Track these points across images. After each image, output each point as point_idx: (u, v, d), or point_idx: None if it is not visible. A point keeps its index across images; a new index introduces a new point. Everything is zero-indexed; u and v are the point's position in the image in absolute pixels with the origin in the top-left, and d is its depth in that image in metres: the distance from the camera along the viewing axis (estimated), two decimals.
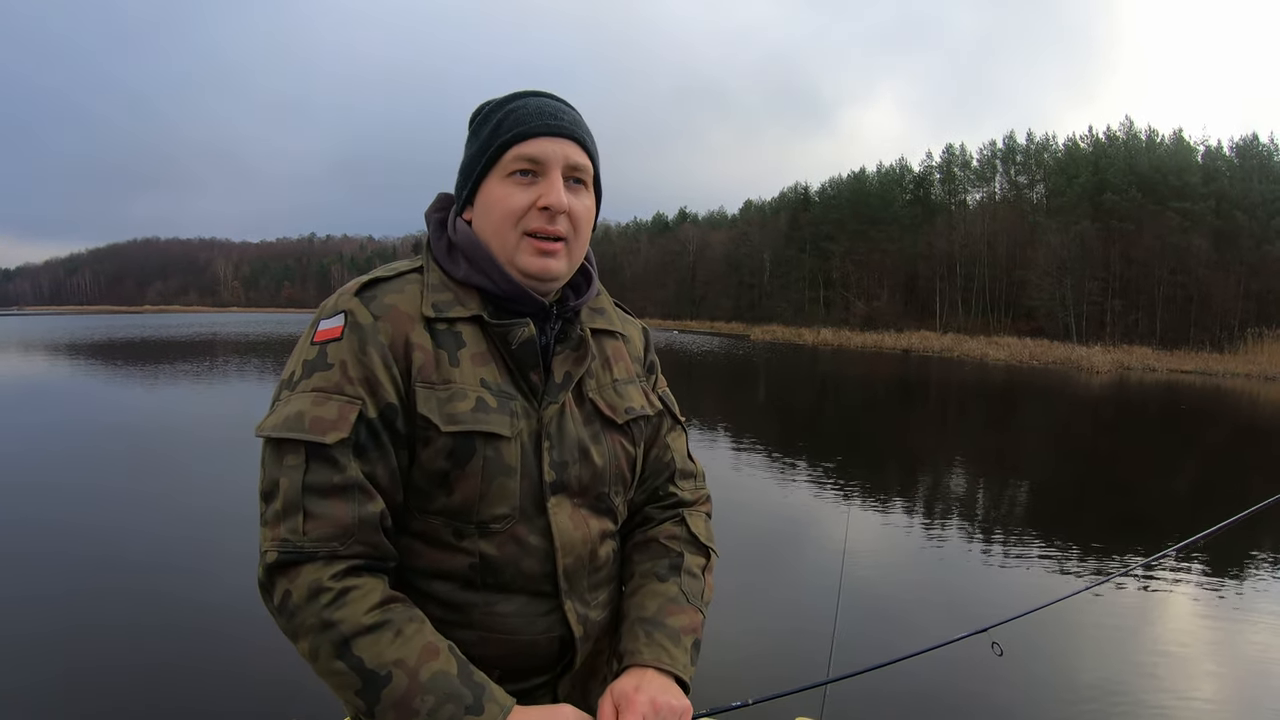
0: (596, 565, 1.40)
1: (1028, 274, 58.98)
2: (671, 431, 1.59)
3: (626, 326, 1.58)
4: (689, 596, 1.43)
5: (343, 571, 1.17)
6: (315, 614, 1.14)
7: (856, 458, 14.21)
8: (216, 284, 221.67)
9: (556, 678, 1.38)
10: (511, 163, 1.31)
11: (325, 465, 1.19)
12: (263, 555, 1.18)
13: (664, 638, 1.35)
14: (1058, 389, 28.92)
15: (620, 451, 1.44)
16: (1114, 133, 65.44)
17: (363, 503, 1.20)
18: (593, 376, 1.44)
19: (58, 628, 5.46)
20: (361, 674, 1.12)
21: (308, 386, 1.23)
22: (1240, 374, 37.46)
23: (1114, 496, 11.57)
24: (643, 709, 1.22)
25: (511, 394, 1.31)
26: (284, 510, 1.18)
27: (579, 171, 1.35)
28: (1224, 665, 5.74)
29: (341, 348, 1.24)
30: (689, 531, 1.52)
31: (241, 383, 23.38)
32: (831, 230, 74.33)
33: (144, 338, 49.74)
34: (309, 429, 1.19)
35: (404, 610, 1.19)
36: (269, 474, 1.21)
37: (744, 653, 5.21)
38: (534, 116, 1.32)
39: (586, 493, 1.38)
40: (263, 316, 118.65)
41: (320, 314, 1.31)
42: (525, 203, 1.31)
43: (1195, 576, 7.53)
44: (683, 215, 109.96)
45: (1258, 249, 52.19)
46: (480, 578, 1.29)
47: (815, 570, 7.34)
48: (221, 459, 11.24)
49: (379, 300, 1.29)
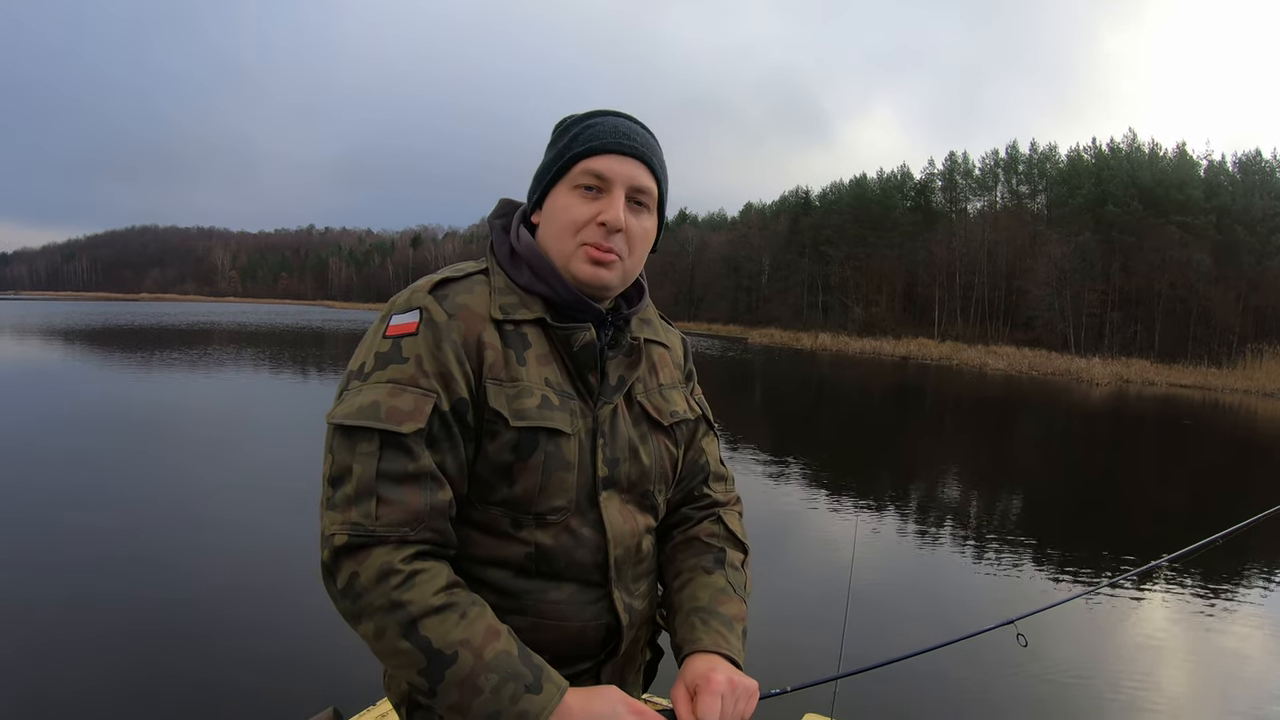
0: (640, 558, 1.47)
1: (1027, 284, 58.89)
2: (706, 436, 1.65)
3: (669, 336, 1.65)
4: (735, 588, 1.50)
5: (412, 555, 1.21)
6: (384, 595, 1.18)
7: (866, 464, 14.35)
8: (213, 274, 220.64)
9: (600, 664, 1.44)
10: (580, 176, 1.37)
11: (400, 454, 1.23)
12: (328, 538, 1.23)
13: (720, 625, 1.41)
14: (1059, 401, 29.10)
15: (665, 452, 1.51)
16: (1117, 145, 65.50)
17: (434, 491, 1.25)
18: (641, 381, 1.51)
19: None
20: (428, 653, 1.17)
21: (382, 378, 1.27)
22: (1239, 390, 37.60)
23: (1128, 506, 11.70)
24: (721, 687, 1.28)
25: (570, 394, 1.38)
26: (356, 495, 1.22)
27: (643, 194, 1.40)
28: (1245, 661, 6.01)
29: (417, 342, 1.29)
30: (727, 529, 1.59)
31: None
32: (832, 235, 74.03)
33: (147, 325, 49.67)
34: (385, 418, 1.23)
35: (466, 594, 1.24)
36: (339, 459, 1.25)
37: (753, 649, 5.31)
38: (607, 134, 1.38)
39: (634, 489, 1.45)
40: (264, 308, 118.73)
41: (392, 309, 1.35)
42: (586, 216, 1.37)
43: (1212, 576, 7.75)
44: (682, 216, 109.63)
45: (1258, 264, 52.24)
46: (535, 566, 1.34)
47: (824, 570, 7.41)
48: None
49: (451, 299, 1.34)
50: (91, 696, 4.61)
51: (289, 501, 8.52)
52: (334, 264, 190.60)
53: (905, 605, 6.80)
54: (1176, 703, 5.40)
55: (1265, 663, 6.11)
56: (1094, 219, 58.08)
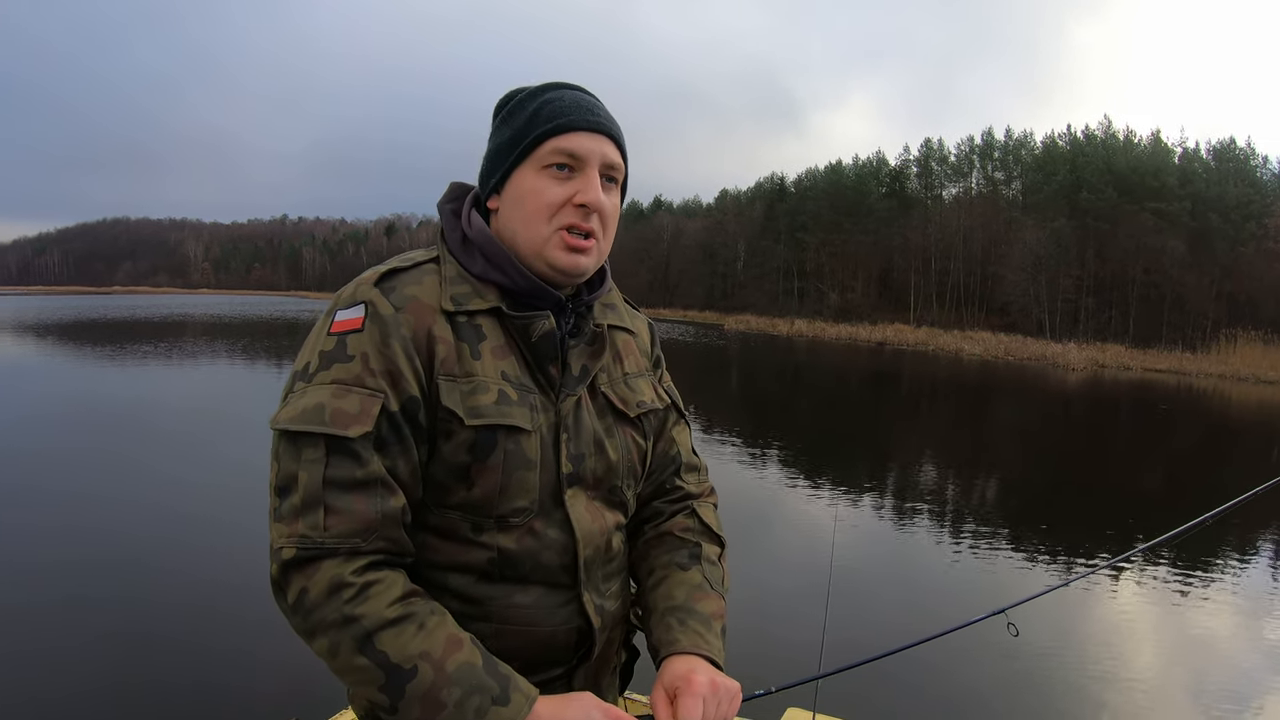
0: (610, 556, 1.40)
1: (1002, 269, 58.99)
2: (676, 425, 1.57)
3: (635, 321, 1.56)
4: (712, 583, 1.43)
5: (364, 566, 1.14)
6: (336, 609, 1.11)
7: (844, 452, 14.29)
8: (186, 265, 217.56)
9: (573, 669, 1.36)
10: (549, 155, 1.29)
11: (347, 459, 1.16)
12: (277, 551, 1.15)
13: (697, 624, 1.35)
14: (1037, 386, 29.30)
15: (632, 445, 1.43)
16: (1092, 132, 65.56)
17: (385, 497, 1.18)
18: (605, 370, 1.42)
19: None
20: (385, 668, 1.10)
21: (327, 378, 1.20)
22: (1214, 374, 37.74)
23: (1114, 490, 11.66)
24: (702, 689, 1.22)
25: (530, 387, 1.30)
26: (303, 505, 1.15)
27: (614, 170, 1.34)
28: (1235, 645, 5.99)
29: (363, 339, 1.21)
30: (701, 522, 1.52)
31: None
32: (807, 221, 73.79)
33: (120, 319, 49.12)
34: (330, 422, 1.16)
35: (425, 603, 1.17)
36: (285, 467, 1.17)
37: (733, 640, 5.23)
38: (573, 110, 1.30)
39: (600, 485, 1.38)
40: (237, 299, 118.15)
41: (337, 304, 1.26)
42: (561, 197, 1.29)
43: (1195, 561, 7.70)
44: (657, 203, 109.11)
45: (1232, 251, 52.37)
46: (499, 571, 1.27)
47: (804, 559, 7.26)
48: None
49: (399, 291, 1.26)
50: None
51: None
52: (307, 254, 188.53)
53: (888, 592, 6.69)
54: (1190, 689, 5.33)
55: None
56: (1069, 205, 58.13)
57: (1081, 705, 5.04)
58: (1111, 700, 5.11)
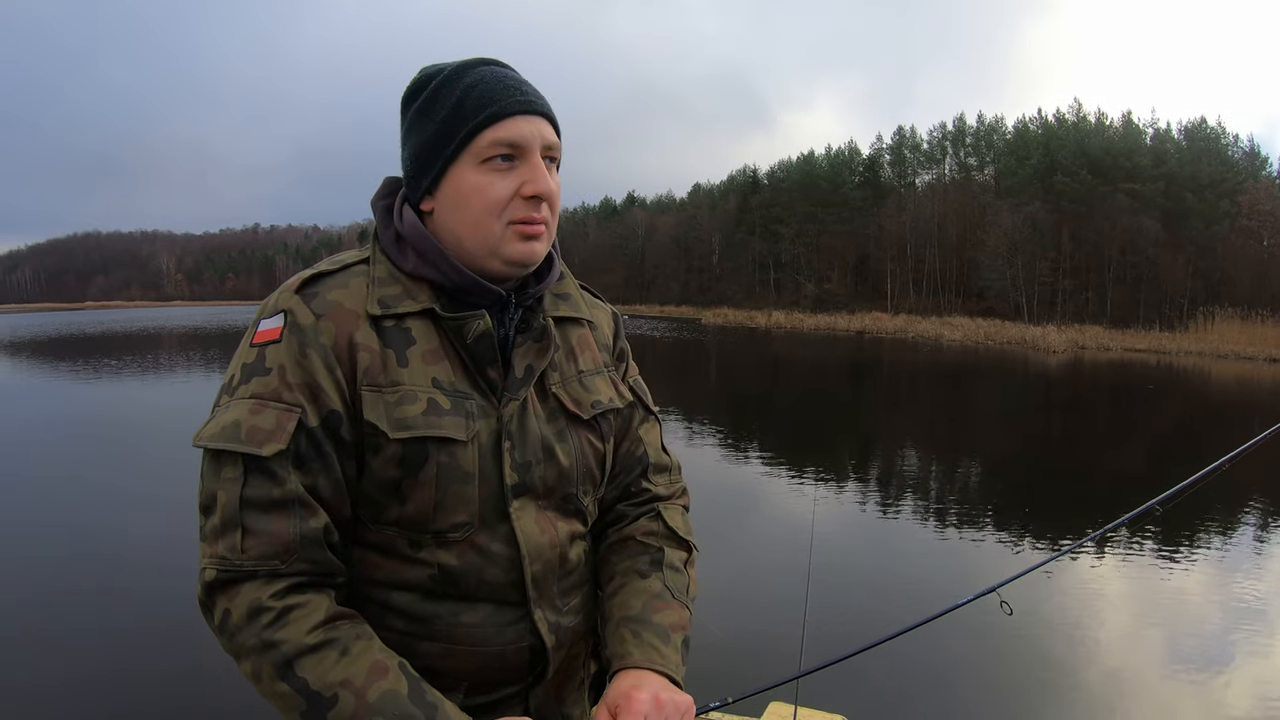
0: (567, 569, 1.31)
1: (978, 255, 59.06)
2: (644, 424, 1.47)
3: (594, 312, 1.45)
4: (674, 591, 1.34)
5: (284, 590, 1.09)
6: (256, 634, 1.07)
7: (825, 439, 14.14)
8: (160, 278, 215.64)
9: (529, 688, 1.29)
10: (488, 148, 1.18)
11: (263, 479, 1.10)
12: (201, 572, 1.12)
13: (653, 636, 1.26)
14: (1020, 369, 29.31)
15: (588, 448, 1.33)
16: (1064, 115, 65.64)
17: (304, 518, 1.12)
18: (556, 369, 1.32)
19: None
20: (306, 696, 1.05)
21: (246, 393, 1.13)
22: (1193, 352, 37.96)
23: (1103, 466, 11.63)
24: (644, 707, 1.14)
25: (467, 393, 1.21)
26: (222, 526, 1.10)
27: (553, 150, 1.23)
28: (1224, 614, 5.95)
29: (280, 351, 1.14)
30: (666, 526, 1.41)
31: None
32: (781, 213, 73.64)
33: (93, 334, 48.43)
34: (245, 440, 1.10)
35: (351, 627, 1.11)
36: (207, 486, 1.13)
37: (715, 645, 4.94)
38: (501, 94, 1.19)
39: (552, 494, 1.28)
40: (211, 310, 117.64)
41: (260, 313, 1.19)
42: (508, 192, 1.19)
43: (1180, 531, 7.73)
44: (631, 200, 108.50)
45: (1207, 229, 52.64)
46: (441, 588, 1.20)
47: (784, 553, 6.96)
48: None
49: (321, 297, 1.18)
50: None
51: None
52: (281, 262, 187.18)
53: (871, 579, 6.47)
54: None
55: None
56: (1043, 189, 58.24)
57: (1079, 677, 4.93)
58: (1113, 667, 5.07)
